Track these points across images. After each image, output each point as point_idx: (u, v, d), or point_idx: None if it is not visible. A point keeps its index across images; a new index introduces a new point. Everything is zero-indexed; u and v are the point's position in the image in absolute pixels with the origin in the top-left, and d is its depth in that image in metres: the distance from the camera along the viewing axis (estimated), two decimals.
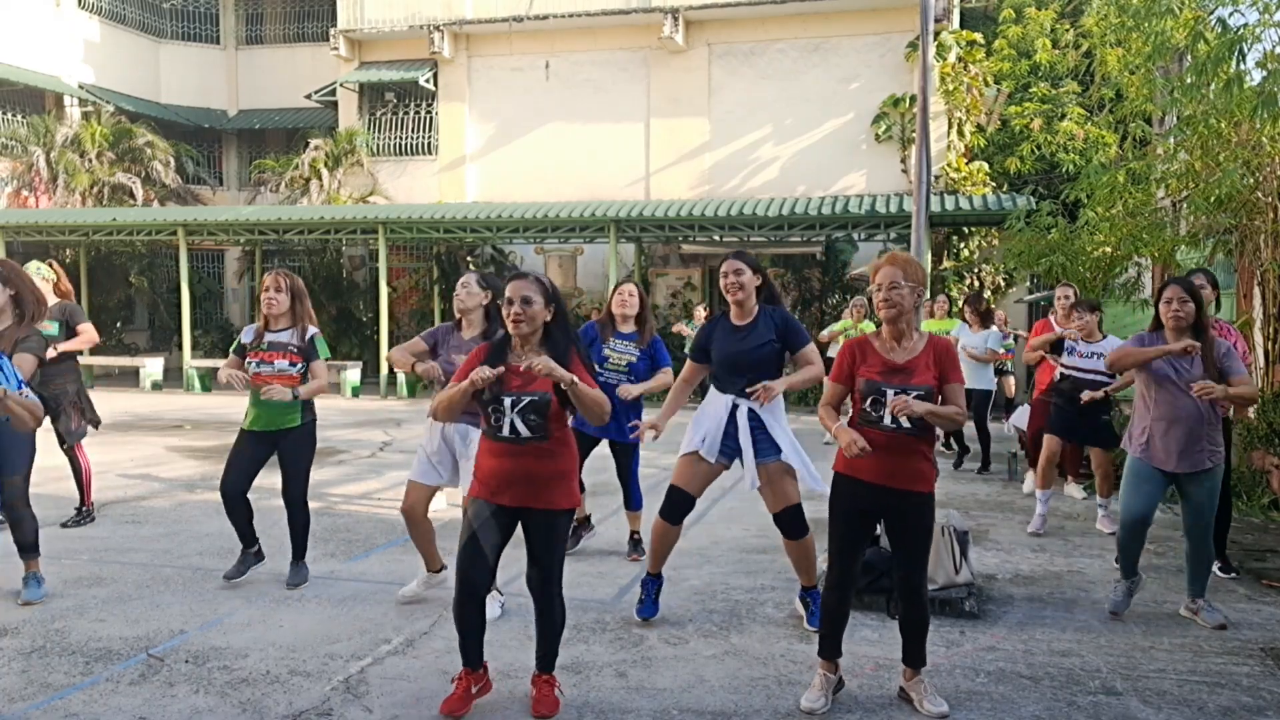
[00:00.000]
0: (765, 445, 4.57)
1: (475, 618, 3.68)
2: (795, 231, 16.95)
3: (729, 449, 4.62)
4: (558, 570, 3.71)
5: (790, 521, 4.59)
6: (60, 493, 7.99)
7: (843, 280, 17.91)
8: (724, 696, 3.89)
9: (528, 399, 3.57)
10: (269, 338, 5.22)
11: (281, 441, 5.24)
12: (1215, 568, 5.75)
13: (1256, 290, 8.18)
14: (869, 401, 3.71)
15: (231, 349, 5.39)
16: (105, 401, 15.63)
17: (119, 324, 21.73)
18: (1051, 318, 7.98)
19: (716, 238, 18.27)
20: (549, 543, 3.67)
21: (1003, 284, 16.73)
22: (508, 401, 3.58)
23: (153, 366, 18.41)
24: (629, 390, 5.63)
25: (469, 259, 19.85)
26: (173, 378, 19.15)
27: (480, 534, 3.63)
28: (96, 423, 7.00)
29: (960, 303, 10.41)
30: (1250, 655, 4.39)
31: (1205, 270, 5.92)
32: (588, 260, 19.34)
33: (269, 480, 8.70)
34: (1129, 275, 10.60)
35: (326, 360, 5.30)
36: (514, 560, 5.92)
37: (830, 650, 3.83)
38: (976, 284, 16.80)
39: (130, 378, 18.90)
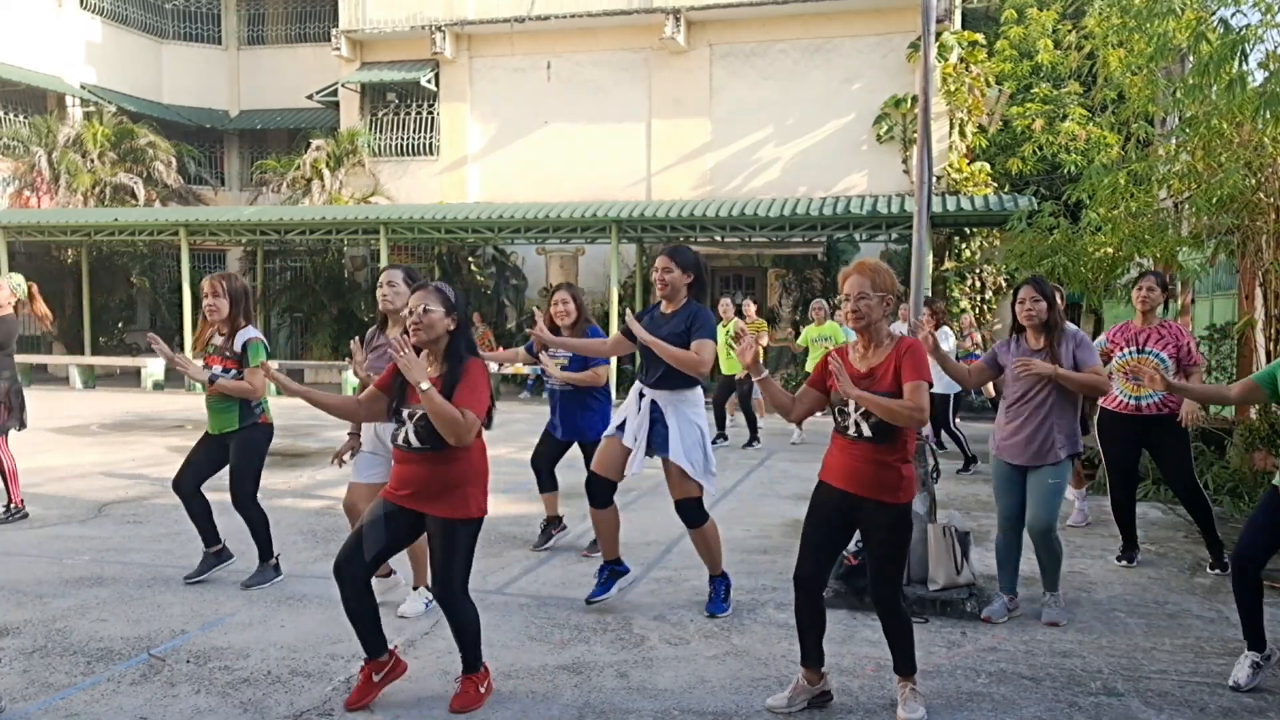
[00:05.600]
0: (659, 440, 4.78)
1: (360, 608, 3.71)
2: (797, 232, 16.96)
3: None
4: (457, 581, 3.70)
5: (685, 511, 4.80)
6: (60, 492, 8.00)
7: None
8: (725, 697, 3.88)
9: (421, 411, 3.62)
10: (216, 341, 5.28)
11: (229, 444, 5.28)
12: (1207, 566, 5.83)
13: (1258, 291, 8.17)
14: (837, 411, 3.71)
15: None
16: (106, 401, 15.68)
17: (120, 324, 21.77)
18: None
19: (718, 238, 18.28)
20: (445, 552, 3.68)
21: (1004, 285, 16.74)
22: (405, 413, 3.69)
23: (154, 366, 18.45)
24: (550, 370, 5.82)
25: (470, 259, 19.85)
26: (174, 378, 19.16)
27: (366, 530, 3.70)
28: (21, 424, 6.95)
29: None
30: None
31: (1156, 273, 6.10)
32: (589, 260, 19.35)
33: (269, 482, 8.71)
34: (1131, 276, 10.58)
35: (259, 365, 5.18)
36: (514, 561, 5.94)
37: (808, 657, 3.76)
38: (978, 284, 16.81)
39: (132, 378, 18.92)
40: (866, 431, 3.59)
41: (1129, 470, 6.03)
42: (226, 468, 5.35)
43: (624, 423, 4.87)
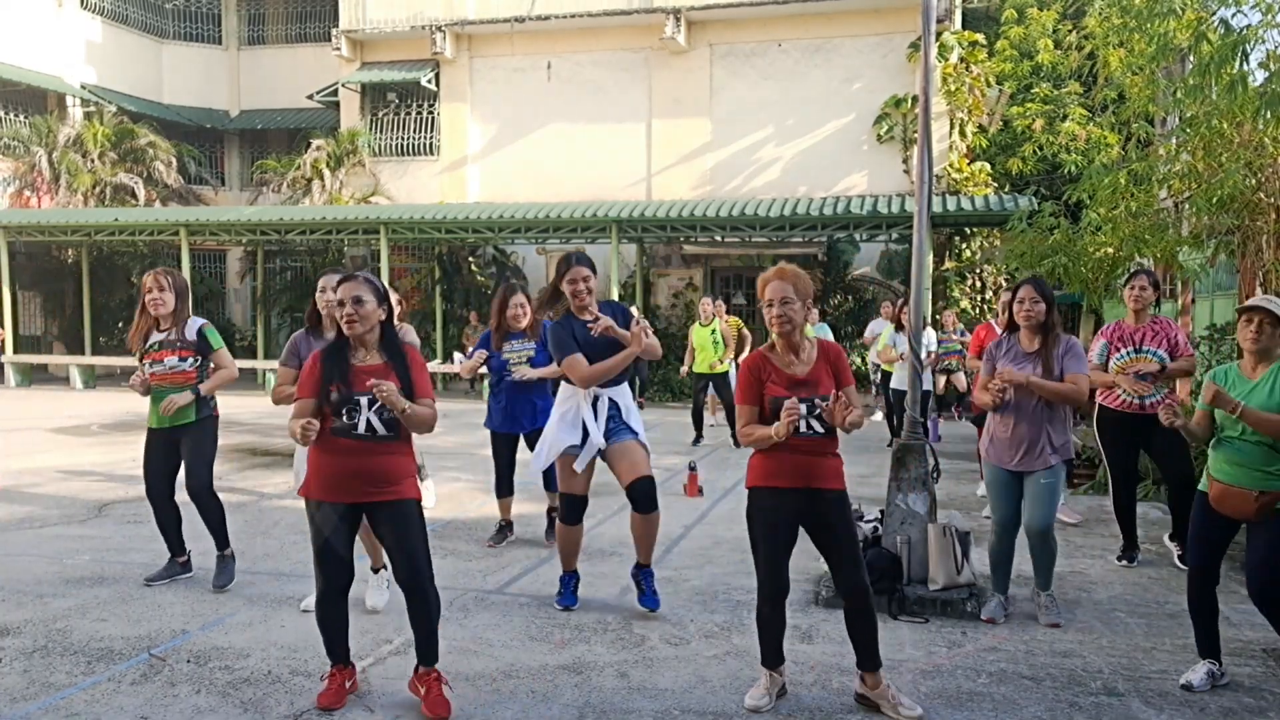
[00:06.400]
0: (621, 428, 4.89)
1: (340, 619, 3.77)
2: (797, 232, 16.96)
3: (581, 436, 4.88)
4: (425, 559, 3.73)
5: (643, 493, 4.78)
6: (60, 492, 8.00)
7: (844, 281, 17.92)
8: (725, 697, 3.88)
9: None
10: (156, 337, 5.24)
11: (182, 437, 5.27)
12: (1175, 557, 5.89)
13: (1259, 291, 8.17)
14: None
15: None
16: (107, 401, 15.67)
17: (121, 324, 21.73)
18: (992, 320, 8.07)
19: (718, 238, 18.28)
20: (408, 532, 3.69)
21: (1004, 284, 16.75)
22: (364, 400, 3.63)
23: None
24: (527, 372, 6.08)
25: (470, 259, 19.86)
26: None
27: (333, 540, 3.68)
28: None
29: (899, 305, 10.64)
30: (1252, 656, 4.38)
31: (1148, 271, 6.11)
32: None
33: (270, 482, 8.72)
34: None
35: (222, 348, 5.30)
36: (514, 561, 5.94)
37: (773, 659, 3.84)
38: (979, 284, 16.81)
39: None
40: (818, 428, 3.72)
41: (1130, 470, 6.03)
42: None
43: (583, 438, 4.84)
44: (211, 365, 5.31)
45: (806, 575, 5.35)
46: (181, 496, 5.38)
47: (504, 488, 6.38)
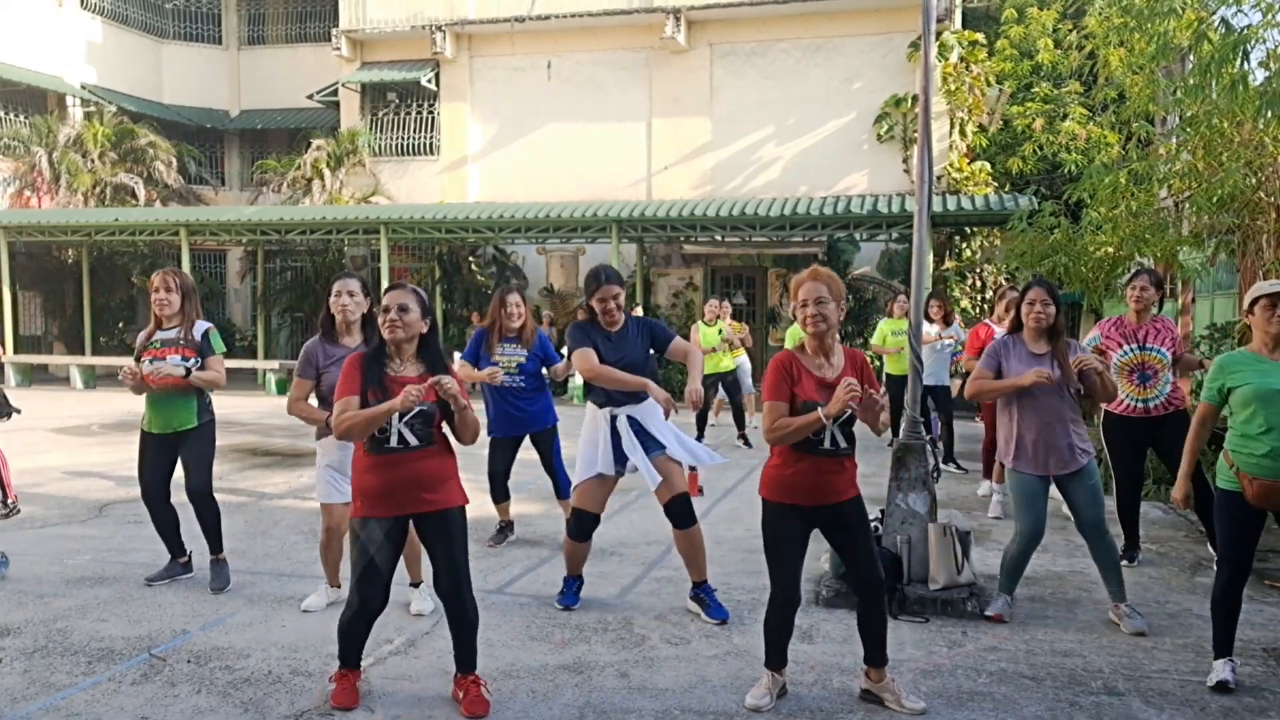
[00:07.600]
0: (649, 443, 4.86)
1: (364, 636, 3.79)
2: (797, 231, 16.96)
3: (619, 458, 4.88)
4: (466, 569, 3.74)
5: (679, 511, 4.81)
6: (60, 492, 8.00)
7: (844, 280, 17.91)
8: (726, 697, 3.88)
9: (416, 410, 3.60)
10: (159, 335, 5.24)
11: (181, 441, 5.26)
12: (1210, 562, 5.84)
13: None
14: None
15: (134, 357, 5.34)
16: (107, 401, 15.68)
17: (121, 324, 21.76)
18: (989, 321, 8.08)
19: (718, 238, 18.28)
20: (450, 542, 3.70)
21: (1005, 284, 16.74)
22: (393, 416, 3.61)
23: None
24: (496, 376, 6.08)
25: (471, 259, 19.85)
26: None
27: (378, 558, 3.66)
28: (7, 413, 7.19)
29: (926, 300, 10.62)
30: (1253, 655, 4.38)
31: (1150, 271, 6.09)
32: (590, 260, 19.34)
33: (270, 482, 8.72)
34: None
35: (223, 354, 5.34)
36: (514, 561, 5.95)
37: (777, 661, 3.85)
38: (979, 284, 16.81)
39: None
40: (843, 443, 3.72)
41: (1136, 473, 6.02)
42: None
43: (601, 459, 4.84)
44: (203, 363, 5.29)
45: (806, 575, 5.32)
46: (178, 498, 5.38)
47: (499, 494, 6.35)
